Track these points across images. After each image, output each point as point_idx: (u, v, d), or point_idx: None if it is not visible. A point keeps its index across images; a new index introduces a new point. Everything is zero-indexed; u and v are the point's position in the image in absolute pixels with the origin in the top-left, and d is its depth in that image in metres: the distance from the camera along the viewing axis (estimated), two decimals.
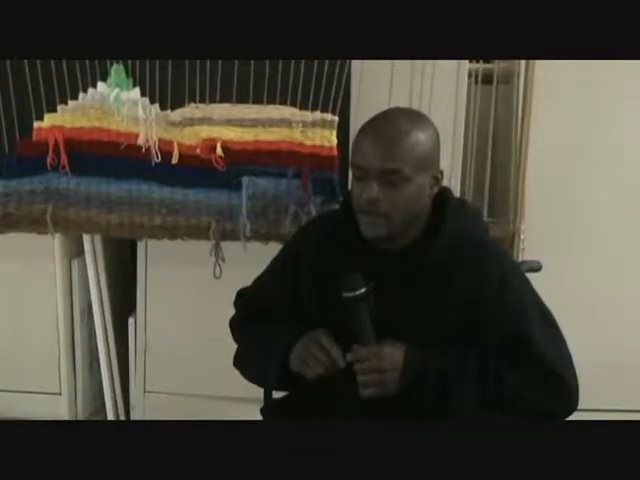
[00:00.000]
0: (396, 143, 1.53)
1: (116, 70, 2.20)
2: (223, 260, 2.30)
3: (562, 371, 1.56)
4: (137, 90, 2.20)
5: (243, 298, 1.84)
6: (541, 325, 1.58)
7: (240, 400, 2.33)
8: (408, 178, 1.53)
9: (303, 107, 2.17)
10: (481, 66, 2.36)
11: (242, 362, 1.76)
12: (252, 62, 2.15)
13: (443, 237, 1.59)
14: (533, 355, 1.55)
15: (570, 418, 1.58)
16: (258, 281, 1.83)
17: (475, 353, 1.56)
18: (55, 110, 2.24)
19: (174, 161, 2.22)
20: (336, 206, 2.15)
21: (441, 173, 1.61)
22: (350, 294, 1.55)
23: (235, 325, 1.82)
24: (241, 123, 2.19)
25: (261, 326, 1.73)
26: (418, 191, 1.56)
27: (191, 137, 2.21)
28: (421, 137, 1.55)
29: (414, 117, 1.61)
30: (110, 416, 2.62)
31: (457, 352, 1.56)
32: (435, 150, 1.59)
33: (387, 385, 1.53)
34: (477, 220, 1.76)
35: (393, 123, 1.56)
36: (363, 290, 1.55)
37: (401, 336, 1.57)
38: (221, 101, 2.19)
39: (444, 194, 1.65)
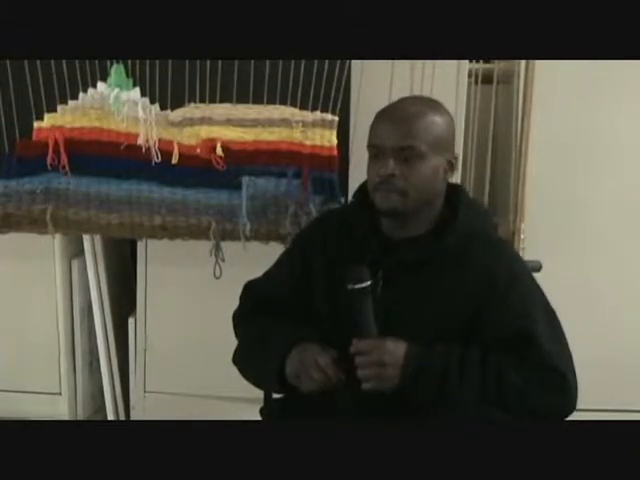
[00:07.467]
0: (411, 122, 1.57)
1: (116, 70, 2.20)
2: (223, 260, 2.29)
3: (563, 369, 1.56)
4: (137, 90, 2.20)
5: (249, 291, 1.83)
6: (546, 324, 1.59)
7: (240, 400, 2.33)
8: (423, 155, 1.56)
9: (303, 107, 2.17)
10: (481, 66, 2.36)
11: (241, 362, 1.76)
12: (252, 62, 2.15)
13: (456, 229, 1.61)
14: (536, 351, 1.55)
15: (570, 418, 1.58)
16: (267, 274, 1.82)
17: (477, 350, 1.56)
18: (55, 110, 2.24)
19: (174, 161, 2.22)
20: (336, 206, 2.16)
21: (455, 159, 1.64)
22: (355, 286, 1.54)
23: (238, 319, 1.82)
24: (241, 123, 2.19)
25: (264, 325, 1.73)
26: (433, 171, 1.58)
27: (191, 137, 2.21)
28: (437, 119, 1.59)
29: (430, 102, 1.66)
30: (110, 416, 2.62)
31: (459, 349, 1.56)
32: (450, 134, 1.63)
33: (387, 380, 1.53)
34: (488, 217, 1.77)
35: (409, 105, 1.62)
36: (369, 283, 1.55)
37: (407, 325, 1.58)
38: (221, 101, 2.19)
39: (457, 190, 1.67)
